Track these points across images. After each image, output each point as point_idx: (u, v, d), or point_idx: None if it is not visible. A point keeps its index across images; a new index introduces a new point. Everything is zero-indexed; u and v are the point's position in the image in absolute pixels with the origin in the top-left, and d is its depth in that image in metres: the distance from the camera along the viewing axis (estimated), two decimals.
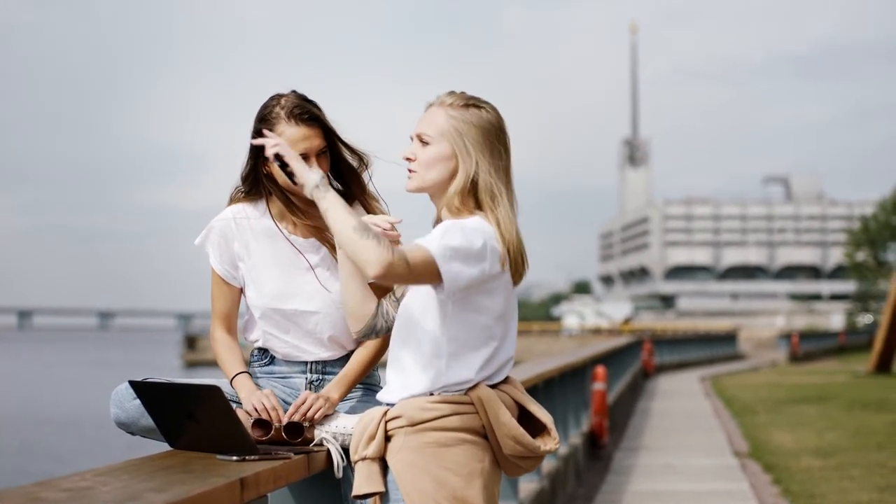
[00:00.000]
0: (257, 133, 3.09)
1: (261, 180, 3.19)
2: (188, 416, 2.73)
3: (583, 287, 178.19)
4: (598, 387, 11.76)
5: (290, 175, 2.81)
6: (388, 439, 2.70)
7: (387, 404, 2.75)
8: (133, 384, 2.86)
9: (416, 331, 2.71)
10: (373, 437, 2.70)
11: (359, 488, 2.70)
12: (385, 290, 3.05)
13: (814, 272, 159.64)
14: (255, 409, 2.97)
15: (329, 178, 3.18)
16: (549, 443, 2.79)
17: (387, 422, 2.70)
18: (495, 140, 2.77)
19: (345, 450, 2.92)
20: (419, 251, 2.58)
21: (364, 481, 2.69)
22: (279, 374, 3.23)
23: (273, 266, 3.19)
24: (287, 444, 2.91)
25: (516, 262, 2.74)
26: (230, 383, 3.13)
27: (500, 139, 2.78)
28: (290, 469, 2.66)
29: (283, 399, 3.18)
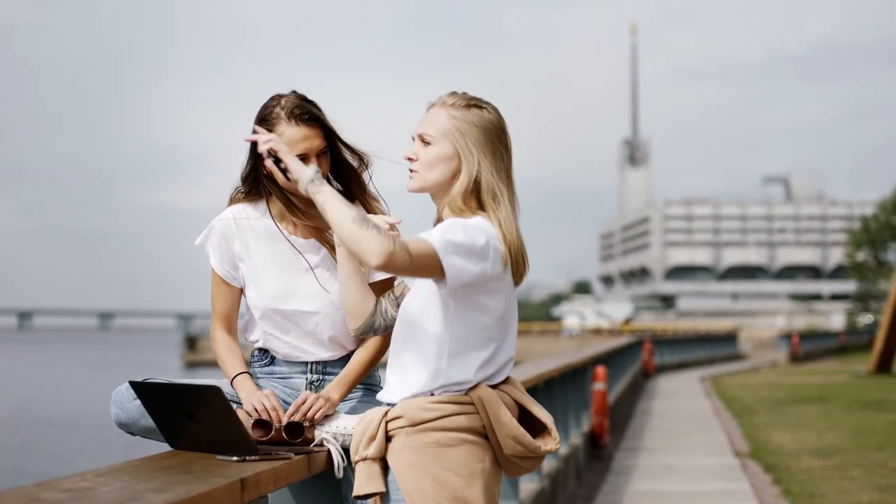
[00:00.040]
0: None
1: (261, 181, 3.19)
2: (188, 416, 2.73)
3: (583, 287, 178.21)
4: (599, 387, 11.76)
5: (284, 171, 2.81)
6: (388, 440, 2.70)
7: (387, 404, 2.75)
8: (133, 384, 2.86)
9: (418, 331, 2.71)
10: (373, 437, 2.70)
11: (360, 488, 2.70)
12: (384, 289, 3.06)
13: (814, 272, 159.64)
14: (255, 410, 2.97)
15: (329, 178, 3.19)
16: (549, 443, 2.79)
17: (387, 422, 2.70)
18: (497, 140, 2.77)
19: (345, 450, 2.92)
20: (421, 243, 2.58)
21: (365, 481, 2.69)
22: (279, 375, 3.23)
23: (273, 266, 3.19)
24: (287, 445, 2.90)
25: (517, 263, 2.74)
26: (231, 384, 3.13)
27: (501, 140, 2.78)
28: (290, 469, 2.65)
29: (283, 399, 3.18)
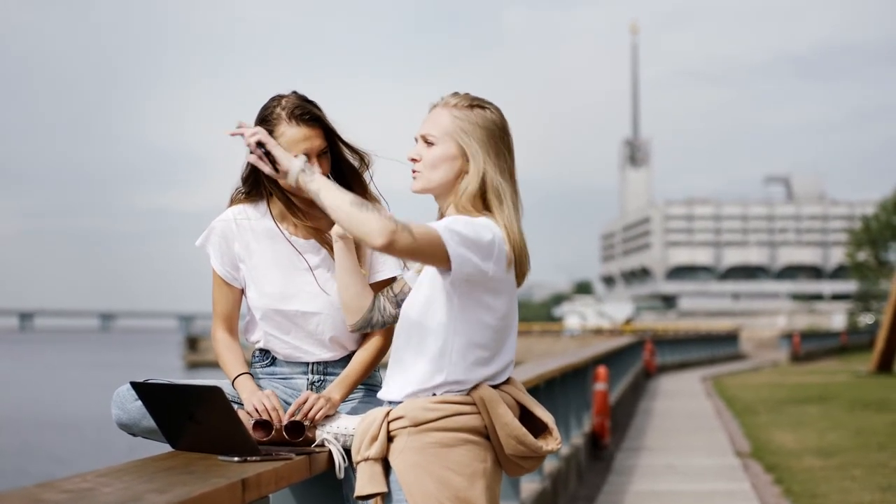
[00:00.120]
0: None
1: (261, 181, 3.19)
2: (189, 417, 2.73)
3: (584, 287, 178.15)
4: (600, 387, 11.75)
5: (274, 163, 2.80)
6: (390, 440, 2.70)
7: (388, 402, 2.75)
8: (134, 385, 2.86)
9: (420, 329, 2.70)
10: (375, 437, 2.70)
11: (361, 489, 2.70)
12: (382, 287, 3.06)
13: (815, 272, 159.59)
14: (256, 410, 2.97)
15: (330, 179, 3.18)
16: (550, 443, 2.79)
17: (389, 422, 2.70)
18: (499, 141, 2.77)
19: (346, 451, 2.92)
20: (424, 227, 2.56)
21: (367, 482, 2.69)
22: (280, 375, 3.23)
23: (274, 267, 3.19)
24: (288, 445, 2.90)
25: (520, 263, 2.74)
26: (232, 384, 3.13)
27: (504, 140, 2.78)
28: (291, 470, 2.65)
29: (284, 400, 3.18)
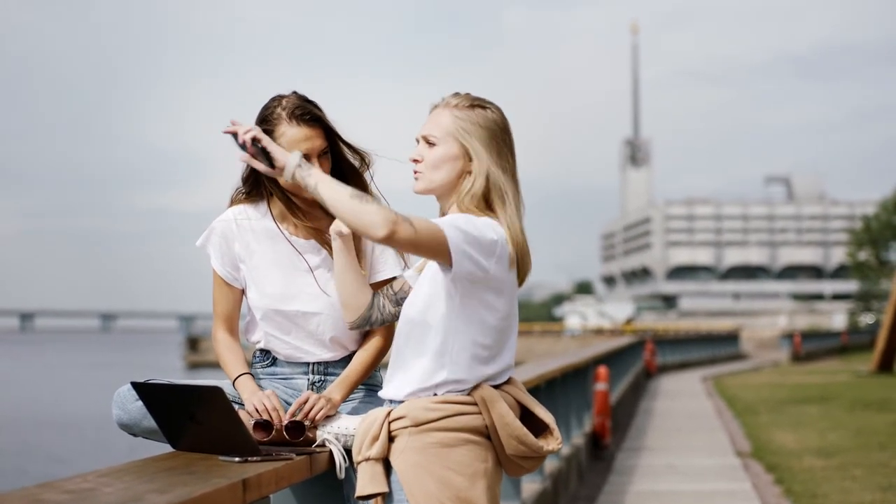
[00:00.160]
0: None
1: (261, 181, 3.19)
2: (190, 417, 2.73)
3: (585, 287, 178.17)
4: (601, 387, 11.75)
5: (270, 159, 2.78)
6: (391, 440, 2.70)
7: (389, 400, 2.75)
8: (135, 385, 2.86)
9: (421, 328, 2.70)
10: (376, 437, 2.70)
11: (362, 489, 2.70)
12: (381, 285, 3.06)
13: (816, 272, 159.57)
14: (256, 410, 2.97)
15: None
16: (551, 443, 2.79)
17: (390, 422, 2.70)
18: (501, 141, 2.77)
19: (347, 451, 2.92)
20: (426, 221, 2.55)
21: (368, 482, 2.69)
22: (281, 376, 3.23)
23: (274, 267, 3.19)
24: (289, 445, 2.90)
25: (522, 263, 2.74)
26: (233, 384, 3.13)
27: (505, 140, 2.78)
28: (292, 470, 2.65)
29: (284, 400, 3.18)
